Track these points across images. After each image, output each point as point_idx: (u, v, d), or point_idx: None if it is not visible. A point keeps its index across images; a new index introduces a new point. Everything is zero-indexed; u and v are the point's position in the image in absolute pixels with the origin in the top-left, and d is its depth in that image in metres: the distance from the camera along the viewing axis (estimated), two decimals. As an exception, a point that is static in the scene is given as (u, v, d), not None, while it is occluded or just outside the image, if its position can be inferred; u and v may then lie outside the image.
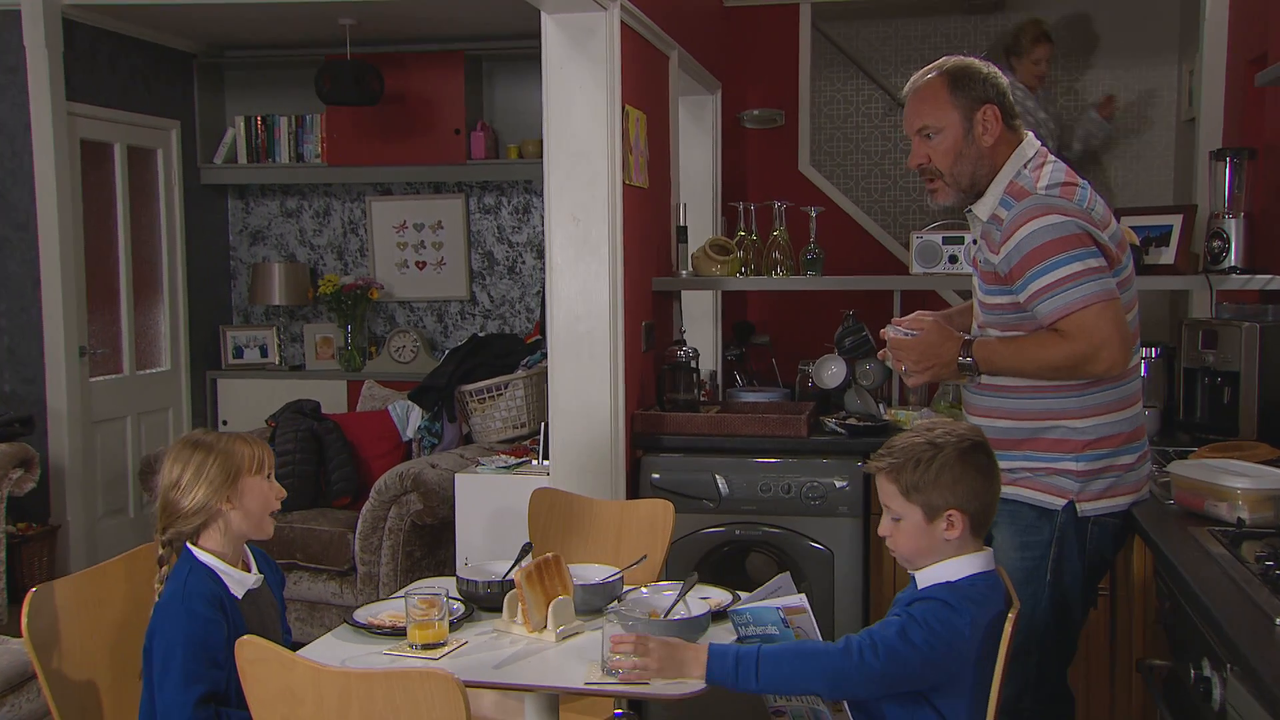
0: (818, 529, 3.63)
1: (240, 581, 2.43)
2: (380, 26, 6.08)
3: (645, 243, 3.99)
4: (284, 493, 2.48)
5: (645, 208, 3.98)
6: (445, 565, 4.65)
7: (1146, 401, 3.01)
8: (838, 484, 3.60)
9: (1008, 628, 2.11)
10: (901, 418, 3.82)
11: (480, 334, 5.53)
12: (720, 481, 3.67)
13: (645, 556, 2.84)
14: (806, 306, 5.34)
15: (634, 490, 3.74)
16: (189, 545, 2.41)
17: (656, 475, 3.73)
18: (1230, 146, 3.80)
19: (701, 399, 4.09)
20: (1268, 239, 3.78)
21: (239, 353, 6.82)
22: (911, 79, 2.73)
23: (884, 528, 2.26)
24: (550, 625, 2.40)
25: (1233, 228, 3.72)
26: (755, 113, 5.52)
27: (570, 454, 3.66)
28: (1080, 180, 2.63)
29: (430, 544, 4.58)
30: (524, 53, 6.33)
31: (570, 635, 2.42)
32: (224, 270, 6.97)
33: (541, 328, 5.53)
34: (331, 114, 6.43)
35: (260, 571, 2.50)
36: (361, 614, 2.56)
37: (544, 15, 3.56)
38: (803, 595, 2.24)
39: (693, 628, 2.33)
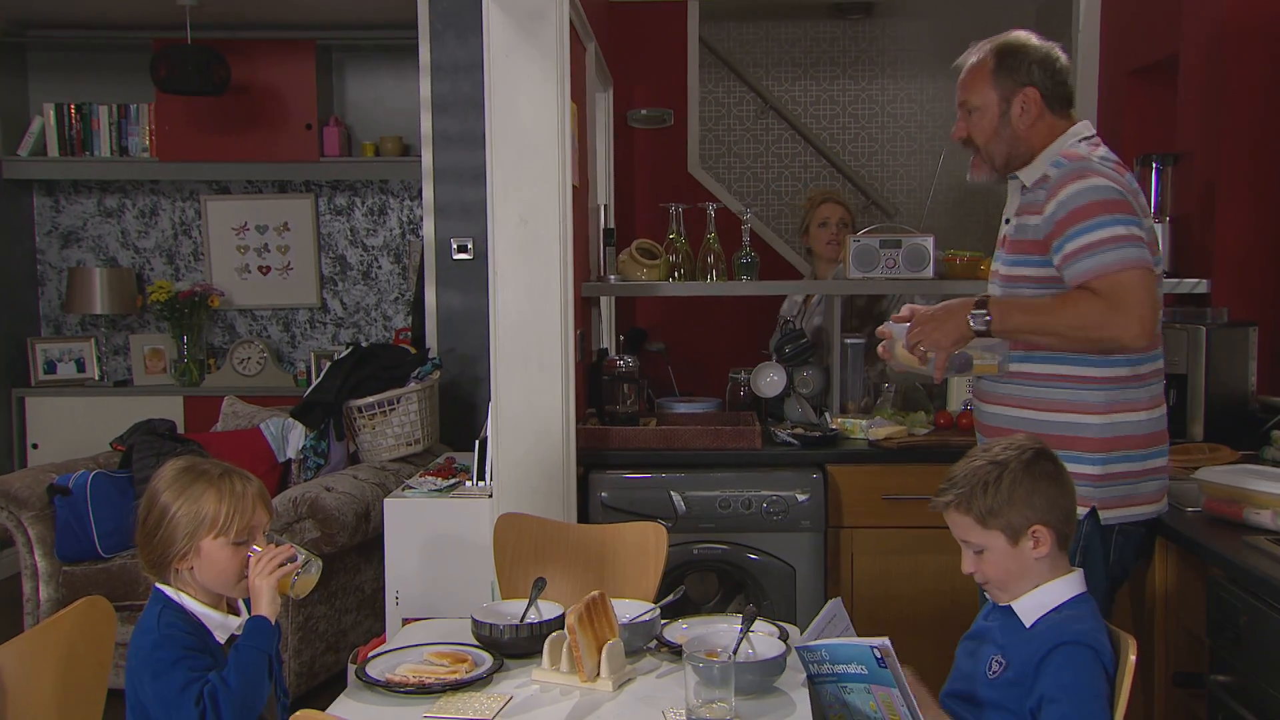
0: (779, 544, 3.47)
1: (223, 625, 2.15)
2: (222, 9, 5.56)
3: (576, 245, 3.74)
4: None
5: (577, 208, 3.73)
6: (336, 597, 4.25)
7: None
8: (799, 497, 3.45)
9: (1132, 658, 2.00)
10: (849, 426, 3.71)
11: (364, 343, 5.12)
12: (677, 499, 3.46)
13: (684, 589, 2.61)
14: (698, 313, 5.21)
15: (583, 511, 3.48)
16: (158, 585, 2.13)
17: (605, 494, 3.49)
18: (1156, 152, 3.88)
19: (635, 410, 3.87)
20: (1186, 243, 3.88)
21: (51, 368, 6.11)
22: (969, 49, 2.68)
23: (967, 564, 2.13)
24: (605, 672, 2.15)
25: (1160, 232, 3.79)
26: (644, 112, 5.33)
27: (518, 473, 3.37)
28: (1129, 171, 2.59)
29: (324, 574, 4.16)
30: (378, 44, 5.95)
31: (626, 682, 2.18)
32: (30, 276, 6.23)
33: (418, 338, 5.18)
34: (162, 104, 5.84)
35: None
36: (373, 669, 2.22)
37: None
38: (886, 639, 2.06)
39: (771, 669, 2.13)
